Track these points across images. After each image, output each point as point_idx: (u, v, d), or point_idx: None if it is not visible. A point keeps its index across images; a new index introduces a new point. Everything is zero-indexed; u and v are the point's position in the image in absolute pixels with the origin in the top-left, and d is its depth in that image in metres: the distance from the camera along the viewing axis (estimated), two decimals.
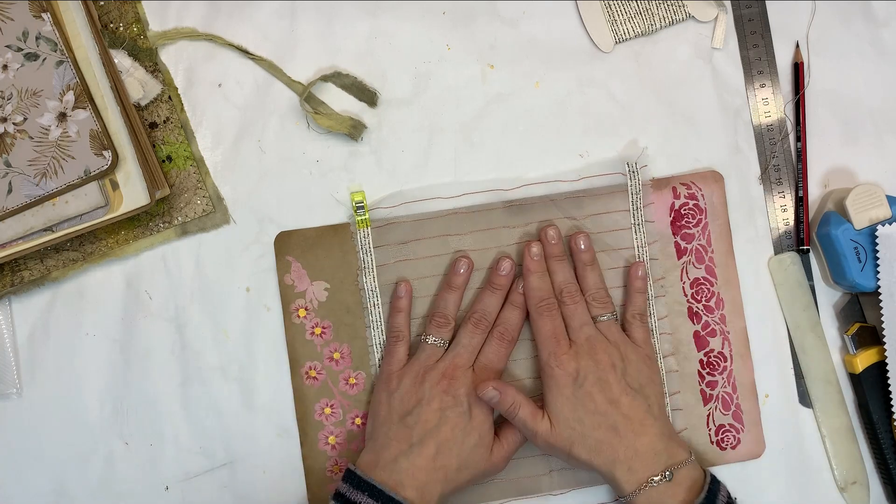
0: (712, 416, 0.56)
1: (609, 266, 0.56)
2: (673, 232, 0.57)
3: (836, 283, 0.57)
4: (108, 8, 0.57)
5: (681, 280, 0.57)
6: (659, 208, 0.57)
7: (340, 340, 0.56)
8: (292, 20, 0.58)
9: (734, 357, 0.57)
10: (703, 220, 0.57)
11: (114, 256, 0.56)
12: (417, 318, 0.56)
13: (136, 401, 0.56)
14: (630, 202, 0.56)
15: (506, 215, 0.56)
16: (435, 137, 0.58)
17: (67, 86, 0.53)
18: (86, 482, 0.56)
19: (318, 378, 0.56)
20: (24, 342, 0.57)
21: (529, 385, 0.56)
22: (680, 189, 0.57)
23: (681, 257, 0.57)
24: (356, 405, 0.56)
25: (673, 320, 0.56)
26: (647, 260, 0.56)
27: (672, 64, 0.59)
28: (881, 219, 0.55)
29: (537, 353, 0.53)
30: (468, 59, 0.59)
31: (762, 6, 0.59)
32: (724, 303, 0.57)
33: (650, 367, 0.54)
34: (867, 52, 0.60)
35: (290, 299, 0.56)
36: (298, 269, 0.56)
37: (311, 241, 0.56)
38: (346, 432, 0.56)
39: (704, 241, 0.57)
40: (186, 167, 0.57)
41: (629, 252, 0.56)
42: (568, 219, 0.56)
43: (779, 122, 0.59)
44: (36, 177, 0.53)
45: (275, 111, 0.58)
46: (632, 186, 0.56)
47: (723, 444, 0.56)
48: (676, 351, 0.56)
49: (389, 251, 0.56)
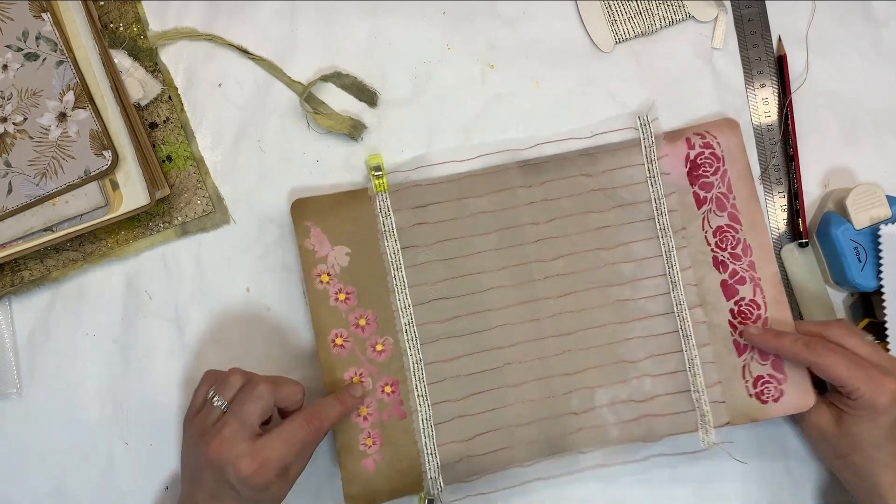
0: (748, 367, 0.54)
1: (625, 221, 0.56)
2: (690, 182, 0.56)
3: (836, 283, 0.57)
4: (108, 8, 0.57)
5: (703, 229, 0.56)
6: (673, 160, 0.56)
7: (365, 306, 0.55)
8: (292, 20, 0.58)
9: (769, 304, 0.55)
10: (722, 168, 0.56)
11: (114, 256, 0.56)
12: (439, 281, 0.55)
13: (136, 401, 0.56)
14: (643, 155, 0.56)
15: (521, 175, 0.56)
16: (435, 137, 0.58)
17: (67, 86, 0.53)
18: (86, 482, 0.56)
19: (344, 346, 0.54)
20: (24, 342, 0.57)
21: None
22: (694, 139, 0.56)
23: (700, 207, 0.56)
24: (385, 372, 0.55)
25: (698, 270, 0.56)
26: (666, 211, 0.56)
27: (672, 64, 0.59)
28: (881, 219, 0.55)
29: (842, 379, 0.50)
30: (468, 59, 0.59)
31: (762, 6, 0.59)
32: (751, 249, 0.56)
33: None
34: (867, 52, 0.60)
35: (312, 264, 0.55)
36: (318, 234, 0.55)
37: (328, 206, 0.55)
38: (377, 402, 0.54)
39: (725, 189, 0.56)
40: (186, 167, 0.57)
41: (647, 205, 0.56)
42: (584, 175, 0.56)
43: (778, 122, 0.59)
44: (36, 177, 0.53)
45: (275, 111, 0.58)
46: (644, 140, 0.56)
47: (763, 396, 0.54)
48: (704, 302, 0.55)
49: (406, 215, 0.55)
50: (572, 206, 0.56)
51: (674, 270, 0.55)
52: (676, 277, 0.55)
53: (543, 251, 0.55)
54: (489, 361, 0.55)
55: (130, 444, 0.56)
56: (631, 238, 0.56)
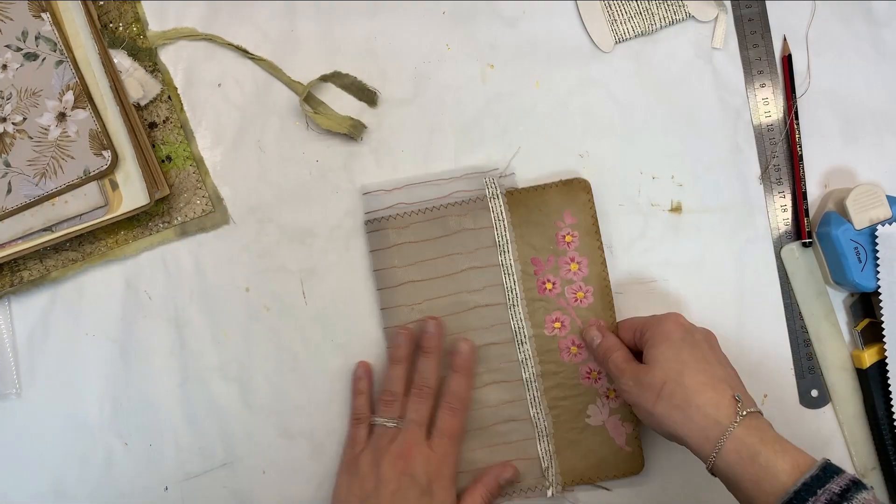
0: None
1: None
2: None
3: (836, 283, 0.57)
4: (107, 8, 0.57)
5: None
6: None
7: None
8: (292, 20, 0.58)
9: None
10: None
11: (113, 256, 0.56)
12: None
13: (136, 401, 0.56)
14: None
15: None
16: (435, 137, 0.58)
17: (67, 86, 0.53)
18: (85, 482, 0.56)
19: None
20: (24, 342, 0.57)
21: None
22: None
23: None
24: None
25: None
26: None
27: (672, 64, 0.59)
28: (881, 219, 0.55)
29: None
30: (468, 59, 0.58)
31: (762, 6, 0.59)
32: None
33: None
34: (867, 52, 0.60)
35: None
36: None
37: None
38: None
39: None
40: (186, 167, 0.57)
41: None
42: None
43: (779, 122, 0.59)
44: (35, 177, 0.53)
45: (275, 111, 0.58)
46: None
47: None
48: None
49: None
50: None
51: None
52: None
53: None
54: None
55: (130, 444, 0.56)
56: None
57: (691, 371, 0.48)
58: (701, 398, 0.47)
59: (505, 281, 0.56)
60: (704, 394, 0.47)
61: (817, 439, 0.58)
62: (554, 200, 0.56)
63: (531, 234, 0.56)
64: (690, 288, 0.58)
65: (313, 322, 0.57)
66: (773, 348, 0.58)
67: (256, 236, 0.57)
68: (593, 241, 0.56)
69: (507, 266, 0.56)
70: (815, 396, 0.58)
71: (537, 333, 0.56)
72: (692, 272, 0.58)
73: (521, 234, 0.56)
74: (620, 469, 0.56)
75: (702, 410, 0.47)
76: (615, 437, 0.55)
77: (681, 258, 0.58)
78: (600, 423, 0.55)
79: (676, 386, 0.48)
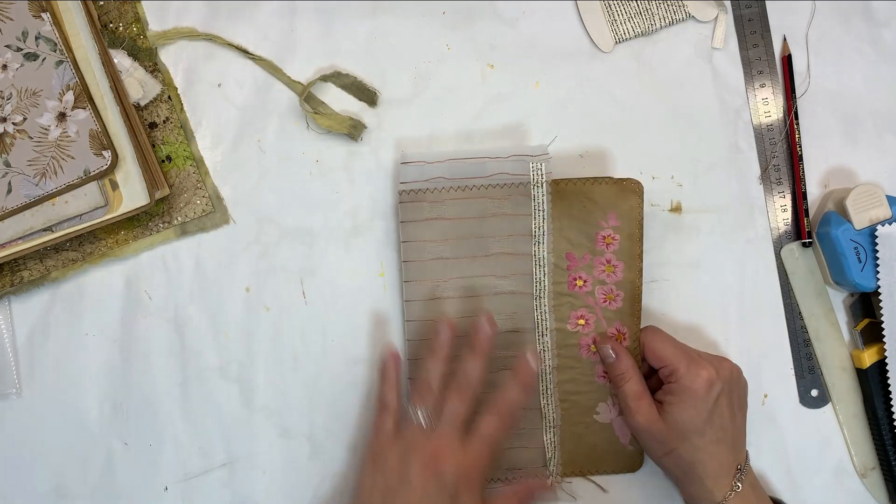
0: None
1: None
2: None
3: (836, 283, 0.57)
4: (107, 8, 0.57)
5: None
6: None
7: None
8: (292, 20, 0.58)
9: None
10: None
11: (113, 256, 0.56)
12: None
13: (136, 401, 0.56)
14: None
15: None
16: (435, 137, 0.58)
17: (67, 86, 0.53)
18: (85, 482, 0.56)
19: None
20: (24, 342, 0.57)
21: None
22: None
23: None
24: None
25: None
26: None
27: (672, 64, 0.59)
28: (881, 219, 0.55)
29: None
30: (468, 59, 0.58)
31: (762, 6, 0.59)
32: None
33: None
34: (867, 52, 0.60)
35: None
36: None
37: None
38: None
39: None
40: (186, 167, 0.57)
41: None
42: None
43: (779, 122, 0.59)
44: (35, 177, 0.53)
45: (274, 111, 0.58)
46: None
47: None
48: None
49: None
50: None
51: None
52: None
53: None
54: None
55: (130, 444, 0.56)
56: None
57: (704, 441, 0.50)
58: (704, 470, 0.50)
59: (535, 272, 0.54)
60: (709, 466, 0.50)
61: (817, 439, 0.58)
62: (601, 198, 0.54)
63: (569, 229, 0.55)
64: (690, 288, 0.58)
65: (313, 322, 0.57)
66: (772, 348, 0.58)
67: (256, 236, 0.57)
68: (634, 248, 0.55)
69: (540, 258, 0.54)
70: (815, 396, 0.58)
71: (560, 328, 0.55)
72: (692, 272, 0.58)
73: (559, 227, 0.54)
74: (619, 465, 0.56)
75: (701, 482, 0.50)
76: (620, 435, 0.56)
77: (681, 258, 0.58)
78: (608, 421, 0.55)
79: (685, 453, 0.50)
